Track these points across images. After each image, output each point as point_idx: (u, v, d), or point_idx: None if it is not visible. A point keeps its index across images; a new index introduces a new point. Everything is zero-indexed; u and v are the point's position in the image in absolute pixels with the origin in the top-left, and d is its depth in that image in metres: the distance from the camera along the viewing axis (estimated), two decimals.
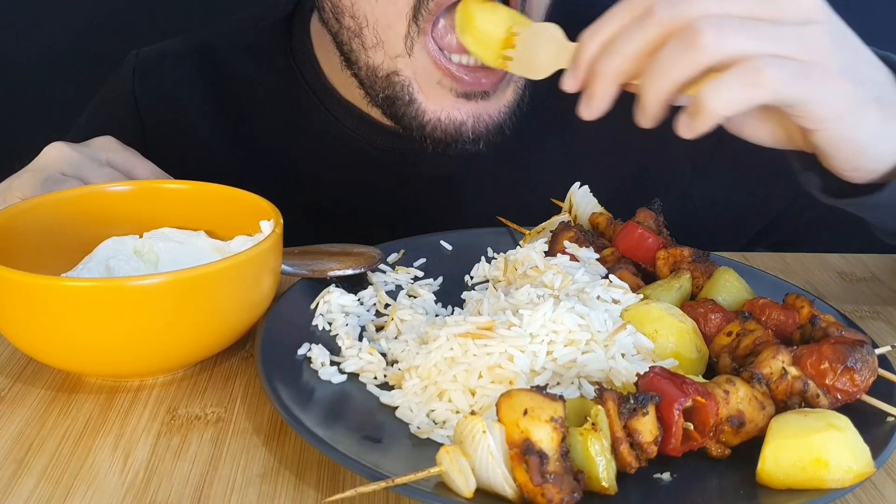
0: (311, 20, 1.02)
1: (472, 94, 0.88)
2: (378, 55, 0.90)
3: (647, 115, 0.67)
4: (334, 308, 0.75)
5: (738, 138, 1.03)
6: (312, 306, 0.75)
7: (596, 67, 0.68)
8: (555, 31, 0.75)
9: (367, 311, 0.77)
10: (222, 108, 1.05)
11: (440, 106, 0.88)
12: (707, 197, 1.05)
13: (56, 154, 0.82)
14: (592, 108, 0.70)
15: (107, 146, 0.87)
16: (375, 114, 0.99)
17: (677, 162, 1.05)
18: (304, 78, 1.02)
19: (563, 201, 0.90)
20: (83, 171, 0.82)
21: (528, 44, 0.77)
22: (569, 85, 0.70)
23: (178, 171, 0.87)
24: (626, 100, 1.03)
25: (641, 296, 0.73)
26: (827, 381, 0.61)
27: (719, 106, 0.63)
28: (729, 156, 1.04)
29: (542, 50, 0.76)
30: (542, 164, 1.03)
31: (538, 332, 0.65)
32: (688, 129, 0.66)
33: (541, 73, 0.76)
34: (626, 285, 0.74)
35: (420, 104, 0.89)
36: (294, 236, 0.78)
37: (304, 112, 1.03)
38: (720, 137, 1.03)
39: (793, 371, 0.61)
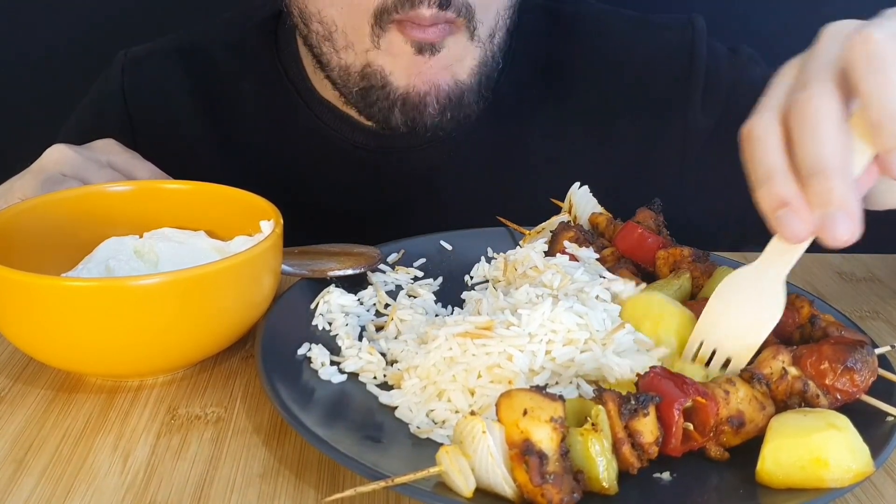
0: (289, 21, 1.03)
1: (423, 47, 0.87)
2: (349, 55, 0.91)
3: None
4: (334, 308, 0.75)
5: (728, 140, 1.03)
6: (312, 306, 0.75)
7: (819, 179, 0.56)
8: (736, 278, 0.64)
9: (367, 311, 0.77)
10: (209, 106, 1.06)
11: (406, 76, 0.88)
12: (694, 196, 1.05)
13: (57, 156, 0.83)
14: (855, 219, 0.56)
15: (108, 148, 0.87)
16: (353, 113, 1.00)
17: (666, 160, 1.05)
18: (289, 77, 1.03)
19: (556, 198, 0.90)
20: (83, 173, 0.82)
21: (722, 328, 0.64)
22: (801, 228, 0.57)
23: (166, 169, 0.88)
24: (612, 95, 1.04)
25: (641, 289, 0.73)
26: (827, 381, 0.61)
27: None
28: (718, 155, 1.05)
29: (743, 307, 0.64)
30: (527, 159, 1.04)
31: (537, 332, 0.65)
32: None
33: (770, 321, 0.63)
34: (620, 279, 0.74)
35: (391, 84, 0.89)
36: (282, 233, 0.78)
37: (288, 111, 1.03)
38: (709, 137, 1.04)
39: (793, 371, 0.61)
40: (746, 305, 0.64)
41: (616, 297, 0.72)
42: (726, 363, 0.64)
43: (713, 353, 0.65)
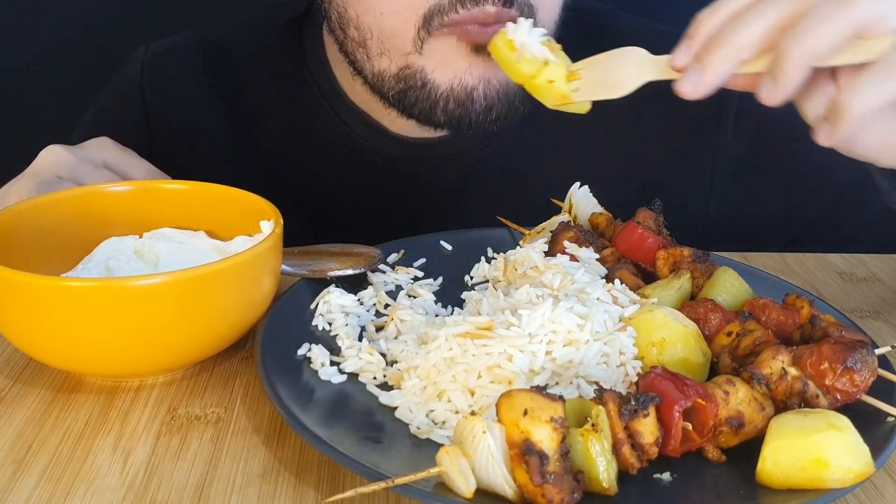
0: (324, 24, 1.02)
1: (480, 48, 0.85)
2: (384, 61, 0.89)
3: (785, 86, 0.63)
4: (334, 308, 0.75)
5: (756, 154, 1.03)
6: (312, 306, 0.75)
7: (717, 40, 0.65)
8: (637, 51, 0.72)
9: (367, 311, 0.77)
10: (229, 107, 1.05)
11: (452, 73, 0.87)
12: (723, 213, 1.05)
13: (52, 158, 0.82)
14: (703, 83, 0.65)
15: (102, 147, 0.87)
16: (385, 121, 0.99)
17: (694, 177, 1.04)
18: (316, 81, 1.02)
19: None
20: (78, 174, 0.82)
21: (601, 69, 0.74)
22: (681, 59, 0.67)
23: (183, 169, 0.87)
24: (640, 112, 1.03)
25: (640, 297, 0.73)
26: (827, 382, 0.61)
27: (859, 105, 0.61)
28: (747, 173, 1.04)
29: (619, 69, 0.72)
30: (551, 176, 1.02)
31: (537, 332, 0.65)
32: (828, 135, 0.63)
33: (621, 89, 0.72)
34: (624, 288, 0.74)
35: (432, 82, 0.88)
36: (298, 238, 0.78)
37: (312, 115, 1.02)
38: (739, 161, 1.03)
39: (792, 371, 0.61)
40: (618, 68, 0.73)
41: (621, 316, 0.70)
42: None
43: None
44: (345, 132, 1.01)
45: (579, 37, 1.05)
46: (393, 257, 0.84)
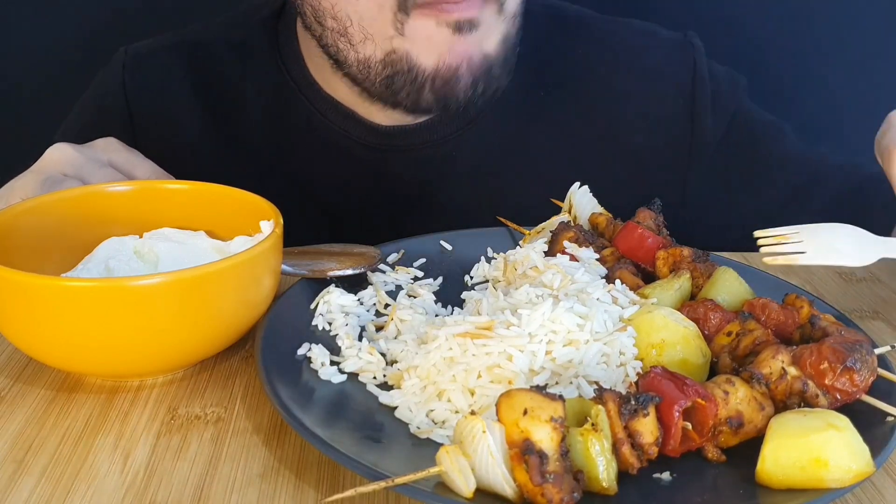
0: (298, 19, 1.03)
1: (462, 25, 0.87)
2: (368, 47, 0.91)
3: None
4: (334, 308, 0.75)
5: (730, 160, 1.05)
6: (312, 306, 0.75)
7: None
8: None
9: (367, 311, 0.77)
10: (211, 104, 1.06)
11: (437, 55, 0.89)
12: (702, 203, 1.05)
13: (58, 155, 0.83)
14: None
15: (108, 147, 0.87)
16: (360, 109, 1.00)
17: (673, 166, 1.05)
18: (291, 75, 1.03)
19: (559, 199, 0.90)
20: (84, 172, 0.82)
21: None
22: None
23: (166, 167, 0.88)
24: (617, 99, 1.04)
25: (639, 298, 0.73)
26: (826, 381, 0.61)
27: None
28: (726, 164, 1.05)
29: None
30: (531, 161, 1.04)
31: (537, 332, 0.65)
32: None
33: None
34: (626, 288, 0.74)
35: (418, 66, 0.90)
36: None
37: (291, 109, 1.04)
38: (714, 153, 1.04)
39: (792, 371, 0.61)
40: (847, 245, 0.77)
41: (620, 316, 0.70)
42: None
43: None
44: (322, 123, 1.02)
45: (555, 32, 1.07)
46: (393, 257, 0.84)
